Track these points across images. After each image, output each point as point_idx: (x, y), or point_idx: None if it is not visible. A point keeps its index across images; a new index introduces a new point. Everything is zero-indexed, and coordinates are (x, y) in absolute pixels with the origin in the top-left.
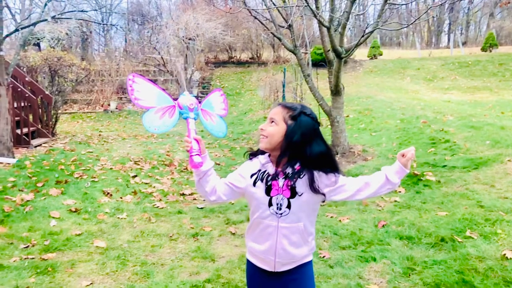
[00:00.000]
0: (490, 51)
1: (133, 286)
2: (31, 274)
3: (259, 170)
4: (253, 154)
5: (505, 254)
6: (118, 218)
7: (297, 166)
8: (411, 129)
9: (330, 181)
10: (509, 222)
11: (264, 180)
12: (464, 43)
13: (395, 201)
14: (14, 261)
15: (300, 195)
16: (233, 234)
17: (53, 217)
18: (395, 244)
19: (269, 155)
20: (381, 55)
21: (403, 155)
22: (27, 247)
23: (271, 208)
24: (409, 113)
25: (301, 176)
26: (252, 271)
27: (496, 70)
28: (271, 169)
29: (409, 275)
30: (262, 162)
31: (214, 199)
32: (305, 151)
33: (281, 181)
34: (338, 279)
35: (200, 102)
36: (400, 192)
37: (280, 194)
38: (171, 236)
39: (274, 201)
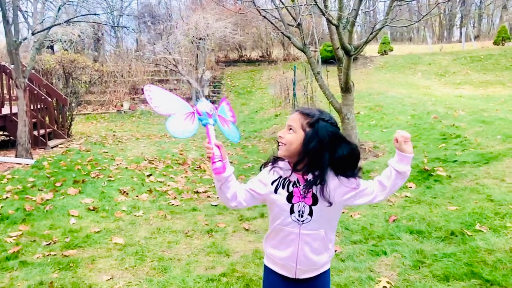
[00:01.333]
0: (503, 44)
1: (151, 280)
2: (54, 270)
3: (280, 177)
4: (273, 161)
5: None
6: (135, 215)
7: (317, 173)
8: (422, 124)
9: (351, 187)
10: None
11: (286, 187)
12: (476, 37)
13: (406, 196)
14: (37, 257)
15: (322, 202)
16: (247, 230)
17: (73, 215)
18: (405, 238)
19: (289, 162)
20: (391, 50)
21: (397, 141)
22: (49, 244)
23: (292, 216)
24: (420, 109)
25: (323, 183)
26: (271, 277)
27: (509, 63)
28: (292, 176)
29: (419, 267)
30: (283, 169)
31: (235, 205)
32: (325, 157)
33: (302, 188)
34: (349, 272)
35: (216, 108)
36: (410, 187)
37: (302, 202)
38: (186, 233)
39: (295, 208)
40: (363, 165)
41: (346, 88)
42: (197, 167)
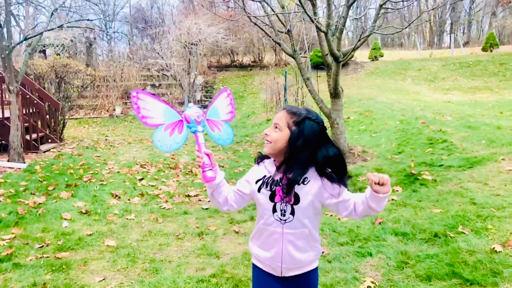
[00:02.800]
0: (491, 51)
1: (142, 281)
2: (47, 272)
3: (264, 176)
4: (260, 158)
5: (494, 248)
6: (127, 219)
7: (301, 172)
8: (410, 129)
9: (334, 192)
10: (499, 218)
11: (269, 186)
12: (466, 43)
13: (393, 199)
14: (30, 260)
15: (303, 202)
16: (237, 232)
17: (65, 219)
18: (390, 240)
19: (274, 160)
20: (382, 56)
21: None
22: (41, 246)
23: (275, 215)
24: (408, 114)
25: (306, 183)
26: (259, 275)
27: (497, 70)
28: (276, 174)
29: (403, 268)
30: (268, 168)
31: (227, 208)
32: (310, 157)
33: (284, 187)
34: (335, 272)
35: (204, 113)
36: (397, 191)
37: (284, 201)
38: (177, 235)
39: (278, 207)
40: (351, 170)
41: (335, 94)
42: (189, 171)
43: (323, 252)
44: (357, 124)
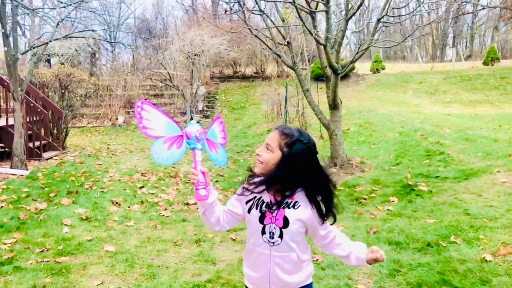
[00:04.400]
0: (492, 64)
1: (140, 285)
2: (46, 275)
3: (255, 197)
4: (251, 177)
5: (484, 257)
6: (126, 225)
7: (291, 196)
8: (408, 141)
9: (319, 220)
10: (492, 228)
11: (259, 208)
12: (469, 57)
13: (388, 209)
14: (30, 263)
15: (292, 226)
16: (234, 240)
17: (66, 225)
18: (384, 248)
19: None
20: (383, 69)
21: (372, 252)
22: (42, 251)
23: (264, 236)
24: (408, 126)
25: (296, 207)
26: None
27: (498, 83)
28: (265, 196)
29: (395, 276)
30: (258, 187)
31: (219, 229)
32: (299, 179)
33: (274, 210)
34: (329, 279)
35: (205, 132)
36: (393, 201)
37: (273, 224)
38: (175, 242)
39: (267, 229)
40: (349, 180)
41: (334, 105)
42: (189, 180)
43: (317, 260)
44: (357, 136)
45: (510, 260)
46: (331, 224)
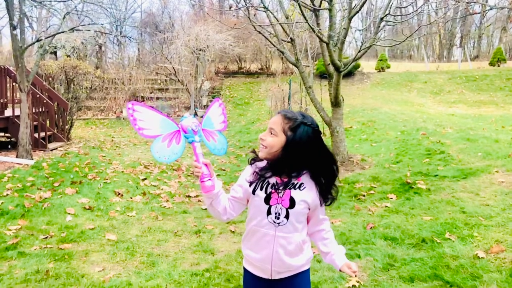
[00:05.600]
0: (498, 65)
1: (139, 273)
2: (50, 261)
3: (259, 178)
4: (253, 160)
5: (477, 254)
6: (128, 215)
7: (297, 177)
8: (410, 140)
9: (322, 217)
10: (486, 226)
11: (264, 189)
12: (476, 57)
13: (386, 206)
14: (34, 249)
15: (298, 206)
16: (233, 232)
17: (69, 213)
18: (379, 244)
19: (268, 163)
20: (389, 67)
21: (348, 267)
22: (46, 238)
23: (269, 217)
24: (410, 125)
25: (302, 189)
26: (249, 279)
27: (503, 84)
28: (271, 178)
29: (388, 270)
30: (262, 170)
31: (227, 217)
32: (304, 161)
33: (280, 191)
34: (323, 272)
35: (200, 122)
36: (391, 198)
37: (279, 204)
38: (175, 233)
39: (272, 210)
40: (349, 177)
41: (336, 103)
42: (191, 173)
43: (314, 253)
44: (359, 134)
45: (502, 257)
46: (329, 204)
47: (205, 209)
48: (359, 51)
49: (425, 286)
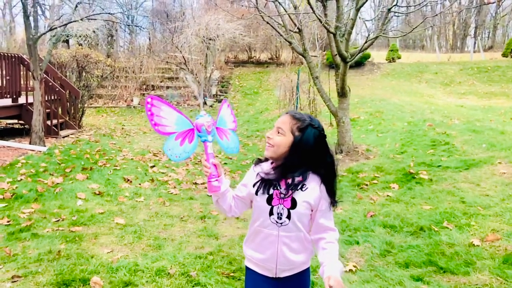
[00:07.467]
0: (511, 56)
1: (146, 255)
2: (61, 242)
3: (262, 179)
4: (258, 161)
5: (472, 242)
6: (136, 201)
7: (300, 178)
8: (416, 131)
9: (327, 201)
10: (484, 216)
11: (266, 190)
12: (490, 47)
13: (388, 195)
14: (47, 231)
15: (300, 207)
16: (237, 218)
17: (80, 198)
18: (378, 231)
19: (272, 162)
20: (399, 58)
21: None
22: (57, 220)
23: (271, 217)
24: (418, 116)
25: (304, 189)
26: (252, 277)
27: None
28: (274, 178)
29: (385, 256)
30: (265, 171)
31: (232, 214)
32: (309, 163)
33: (282, 191)
34: None
35: (214, 121)
36: (394, 188)
37: (281, 204)
38: (182, 218)
39: (275, 210)
40: (353, 166)
41: (342, 93)
42: (198, 161)
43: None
44: (366, 124)
45: (497, 246)
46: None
47: (211, 195)
48: (365, 42)
49: (419, 272)
